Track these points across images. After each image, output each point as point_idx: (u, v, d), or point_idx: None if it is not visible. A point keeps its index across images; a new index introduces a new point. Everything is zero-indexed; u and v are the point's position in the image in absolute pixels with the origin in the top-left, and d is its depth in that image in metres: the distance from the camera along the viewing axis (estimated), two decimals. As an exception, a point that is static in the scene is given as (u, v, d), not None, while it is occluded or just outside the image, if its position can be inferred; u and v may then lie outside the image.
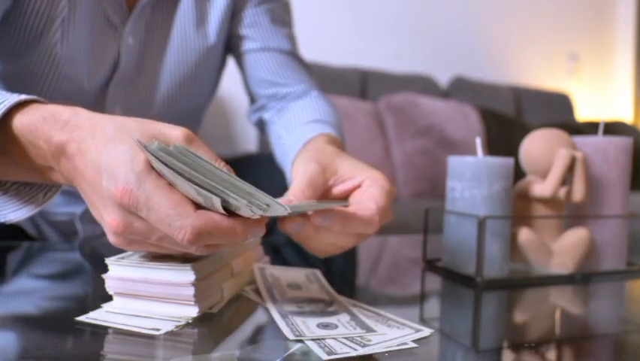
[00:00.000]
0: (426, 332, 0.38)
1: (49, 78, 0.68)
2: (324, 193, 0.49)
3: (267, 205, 0.35)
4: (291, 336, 0.36)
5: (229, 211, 0.35)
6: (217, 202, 0.34)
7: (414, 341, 0.37)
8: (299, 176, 0.48)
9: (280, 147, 0.77)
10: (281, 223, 0.44)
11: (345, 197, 0.49)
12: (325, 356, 0.33)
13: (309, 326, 0.38)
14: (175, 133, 0.38)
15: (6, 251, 0.67)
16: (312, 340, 0.36)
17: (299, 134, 0.70)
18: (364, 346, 0.35)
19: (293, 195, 0.46)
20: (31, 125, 0.41)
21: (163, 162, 0.34)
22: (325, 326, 0.38)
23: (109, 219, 0.36)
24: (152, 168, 0.35)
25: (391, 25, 2.61)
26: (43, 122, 0.41)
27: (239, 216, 0.35)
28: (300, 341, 0.36)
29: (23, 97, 0.43)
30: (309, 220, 0.43)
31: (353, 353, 0.34)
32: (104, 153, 0.36)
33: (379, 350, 0.35)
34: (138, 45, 0.73)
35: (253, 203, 0.34)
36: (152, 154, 0.34)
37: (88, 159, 0.37)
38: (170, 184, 0.35)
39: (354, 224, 0.44)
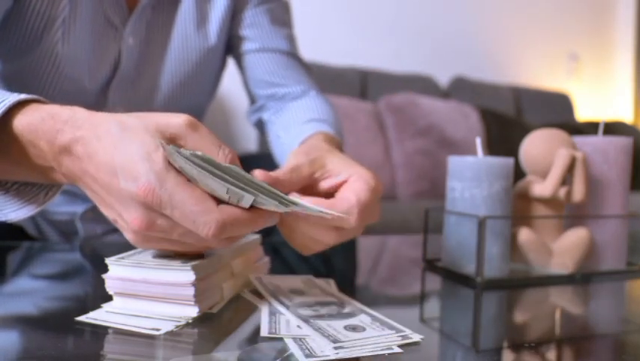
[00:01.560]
0: (416, 337, 0.38)
1: (49, 78, 0.68)
2: (309, 185, 0.48)
3: (295, 204, 0.38)
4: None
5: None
6: (249, 200, 0.36)
7: (401, 345, 0.36)
8: (285, 164, 0.48)
9: (279, 147, 0.77)
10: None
11: (331, 192, 0.48)
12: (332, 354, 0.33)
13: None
14: (178, 121, 0.39)
15: (6, 251, 0.67)
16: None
17: (297, 133, 0.70)
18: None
19: (272, 174, 0.44)
20: (31, 126, 0.41)
21: (196, 165, 0.35)
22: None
23: (131, 219, 0.37)
24: (170, 165, 0.36)
25: (391, 25, 2.61)
26: (43, 123, 0.41)
27: (256, 208, 0.37)
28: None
29: (23, 96, 0.43)
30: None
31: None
32: (115, 155, 0.37)
33: (363, 353, 0.35)
34: (139, 45, 0.73)
35: (282, 203, 0.37)
36: (187, 158, 0.35)
37: (98, 161, 0.38)
38: (190, 181, 0.36)
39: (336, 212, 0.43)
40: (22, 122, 0.41)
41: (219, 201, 0.37)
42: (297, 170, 0.46)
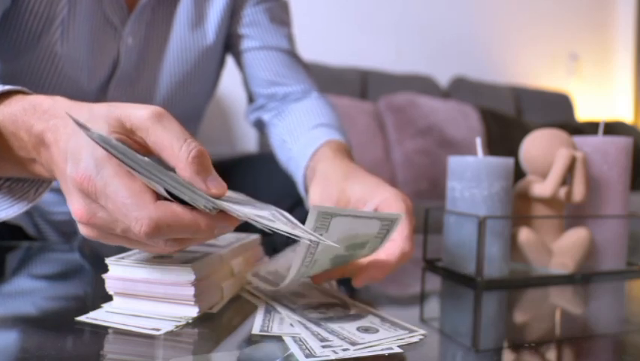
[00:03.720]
0: (416, 336, 0.38)
1: (49, 78, 0.68)
2: None
3: (211, 207, 0.33)
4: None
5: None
6: (161, 190, 0.32)
7: (404, 345, 0.36)
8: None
9: (285, 152, 0.77)
10: (314, 279, 0.45)
11: None
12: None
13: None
14: (141, 113, 0.36)
15: (6, 251, 0.67)
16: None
17: (305, 142, 0.70)
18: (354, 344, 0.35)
19: None
20: (13, 116, 0.40)
21: (105, 149, 0.32)
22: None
23: (74, 209, 0.35)
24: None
25: (391, 25, 2.61)
26: (24, 113, 0.40)
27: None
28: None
29: (7, 88, 0.42)
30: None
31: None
32: (71, 140, 0.35)
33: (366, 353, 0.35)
34: (138, 45, 0.73)
35: (196, 200, 0.32)
36: (93, 140, 0.32)
37: (59, 147, 0.37)
38: (131, 173, 0.33)
39: (387, 269, 0.45)
40: (4, 113, 0.41)
41: (161, 197, 0.33)
42: None
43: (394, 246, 0.46)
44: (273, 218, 0.35)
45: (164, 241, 0.34)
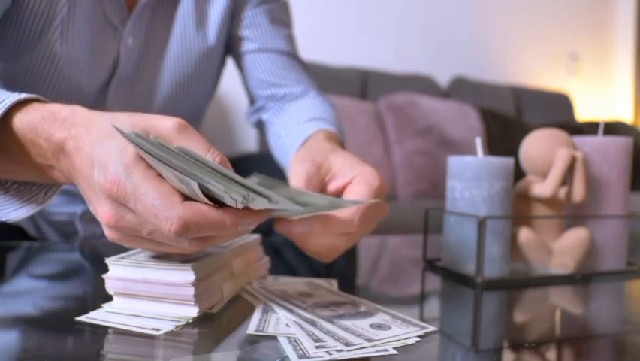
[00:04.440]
0: (422, 330, 0.38)
1: (48, 78, 0.68)
2: (321, 191, 0.49)
3: (246, 194, 0.33)
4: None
5: (217, 202, 0.34)
6: (195, 186, 0.33)
7: (402, 346, 0.36)
8: (296, 177, 0.49)
9: (279, 146, 0.77)
10: (276, 225, 0.45)
11: (338, 194, 0.49)
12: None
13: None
14: (166, 123, 0.38)
15: (6, 251, 0.67)
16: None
17: (298, 133, 0.71)
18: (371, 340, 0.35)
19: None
20: (31, 124, 0.41)
21: (141, 148, 0.33)
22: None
23: (101, 212, 0.36)
24: (142, 158, 0.35)
25: (391, 25, 2.61)
26: (43, 121, 0.41)
27: (229, 207, 0.35)
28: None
29: (24, 95, 0.43)
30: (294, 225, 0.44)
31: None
32: (96, 147, 0.37)
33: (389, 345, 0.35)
34: (138, 46, 0.73)
35: (232, 190, 0.33)
36: (130, 140, 0.33)
37: (83, 154, 0.38)
38: (160, 175, 0.34)
39: (334, 225, 0.44)
40: (22, 121, 0.42)
41: (188, 198, 0.35)
42: (310, 183, 0.47)
43: (344, 212, 0.45)
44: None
45: (188, 241, 0.35)
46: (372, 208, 0.46)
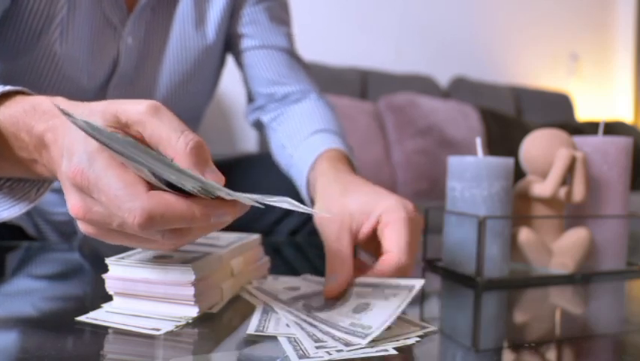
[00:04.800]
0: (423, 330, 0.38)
1: (48, 78, 0.68)
2: (356, 243, 0.50)
3: (199, 183, 0.32)
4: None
5: (186, 193, 0.32)
6: (146, 171, 0.31)
7: (403, 346, 0.36)
8: (326, 244, 0.49)
9: (285, 158, 0.77)
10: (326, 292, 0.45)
11: (371, 238, 0.49)
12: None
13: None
14: (137, 107, 0.35)
15: (6, 251, 0.67)
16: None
17: (304, 150, 0.70)
18: (365, 337, 0.35)
19: (333, 273, 0.46)
20: (13, 118, 0.40)
21: (92, 135, 0.31)
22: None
23: (70, 205, 0.34)
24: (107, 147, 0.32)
25: (391, 25, 2.61)
26: (24, 114, 0.40)
27: (199, 198, 0.33)
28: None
29: (7, 88, 0.42)
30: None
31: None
32: (66, 137, 0.35)
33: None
34: (138, 45, 0.73)
35: (183, 178, 0.31)
36: (78, 126, 0.31)
37: (58, 145, 0.36)
38: (123, 164, 0.33)
39: (387, 274, 0.45)
40: (4, 114, 0.41)
41: (154, 188, 0.33)
42: (343, 251, 0.47)
43: (390, 258, 0.46)
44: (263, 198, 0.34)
45: (161, 234, 0.33)
46: (413, 243, 0.47)
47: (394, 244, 0.46)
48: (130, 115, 0.35)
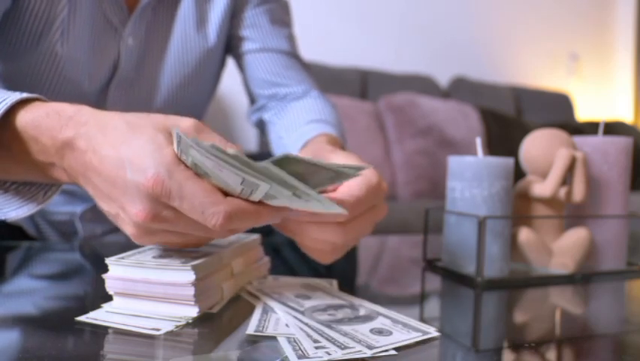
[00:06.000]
0: (433, 333, 0.38)
1: (49, 79, 0.68)
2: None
3: (308, 197, 0.37)
4: (368, 352, 0.34)
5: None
6: (265, 189, 0.36)
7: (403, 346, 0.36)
8: None
9: (280, 148, 0.78)
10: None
11: (338, 193, 0.48)
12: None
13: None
14: (185, 124, 0.40)
15: (6, 251, 0.67)
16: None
17: (298, 135, 0.71)
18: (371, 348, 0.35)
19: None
20: (35, 122, 0.42)
21: (213, 155, 0.35)
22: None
23: (135, 211, 0.37)
24: (180, 160, 0.37)
25: (391, 25, 2.61)
26: (47, 119, 0.41)
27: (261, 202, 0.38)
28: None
29: (25, 95, 0.43)
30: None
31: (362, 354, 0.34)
32: (122, 148, 0.38)
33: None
34: (138, 46, 0.73)
35: (297, 195, 0.37)
36: (205, 149, 0.35)
37: (103, 155, 0.38)
38: (198, 175, 0.37)
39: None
40: (25, 119, 0.42)
41: (226, 194, 0.38)
42: None
43: (332, 197, 0.44)
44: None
45: (226, 231, 0.38)
46: (364, 202, 0.45)
47: (346, 190, 0.45)
48: (183, 130, 0.39)
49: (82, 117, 0.41)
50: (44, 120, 0.41)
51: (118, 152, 0.38)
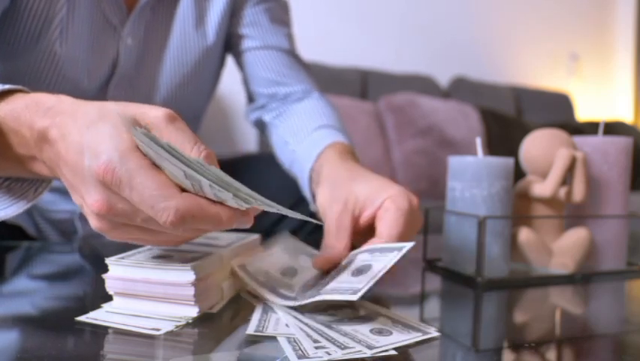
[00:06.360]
0: (433, 333, 0.38)
1: (48, 78, 0.68)
2: (355, 228, 0.50)
3: (252, 199, 0.34)
4: (368, 352, 0.34)
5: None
6: (205, 185, 0.33)
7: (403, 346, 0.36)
8: (327, 221, 0.50)
9: (288, 154, 0.77)
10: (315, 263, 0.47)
11: (371, 223, 0.50)
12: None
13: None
14: (155, 113, 0.37)
15: (6, 251, 0.67)
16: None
17: (309, 144, 0.70)
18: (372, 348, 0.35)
19: (330, 247, 0.48)
20: (14, 113, 0.40)
21: (160, 147, 0.33)
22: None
23: (91, 201, 0.35)
24: (138, 148, 0.34)
25: (391, 25, 2.61)
26: (26, 110, 0.40)
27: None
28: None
29: (7, 86, 0.42)
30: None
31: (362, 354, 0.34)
32: (85, 134, 0.35)
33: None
34: (137, 45, 0.73)
35: (239, 196, 0.34)
36: (152, 140, 0.33)
37: (69, 141, 0.36)
38: (155, 165, 0.34)
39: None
40: (5, 110, 0.41)
41: (184, 190, 0.35)
42: (343, 227, 0.48)
43: (377, 242, 0.46)
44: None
45: (182, 230, 0.35)
46: (406, 232, 0.47)
47: (386, 230, 0.47)
48: (149, 120, 0.37)
49: (60, 107, 0.39)
50: (23, 111, 0.40)
51: (81, 138, 0.35)
